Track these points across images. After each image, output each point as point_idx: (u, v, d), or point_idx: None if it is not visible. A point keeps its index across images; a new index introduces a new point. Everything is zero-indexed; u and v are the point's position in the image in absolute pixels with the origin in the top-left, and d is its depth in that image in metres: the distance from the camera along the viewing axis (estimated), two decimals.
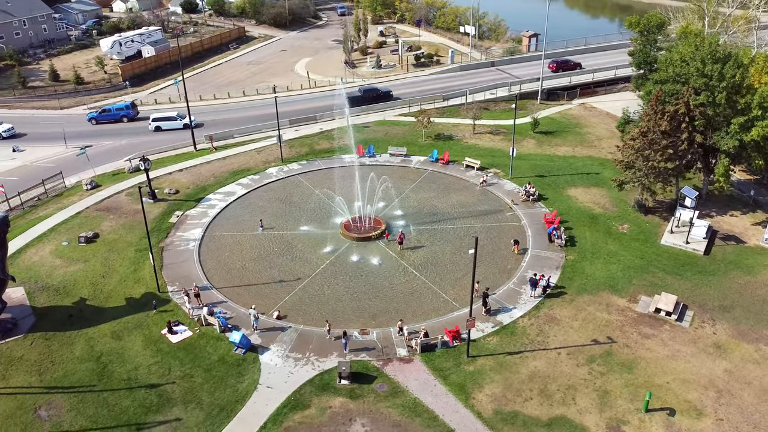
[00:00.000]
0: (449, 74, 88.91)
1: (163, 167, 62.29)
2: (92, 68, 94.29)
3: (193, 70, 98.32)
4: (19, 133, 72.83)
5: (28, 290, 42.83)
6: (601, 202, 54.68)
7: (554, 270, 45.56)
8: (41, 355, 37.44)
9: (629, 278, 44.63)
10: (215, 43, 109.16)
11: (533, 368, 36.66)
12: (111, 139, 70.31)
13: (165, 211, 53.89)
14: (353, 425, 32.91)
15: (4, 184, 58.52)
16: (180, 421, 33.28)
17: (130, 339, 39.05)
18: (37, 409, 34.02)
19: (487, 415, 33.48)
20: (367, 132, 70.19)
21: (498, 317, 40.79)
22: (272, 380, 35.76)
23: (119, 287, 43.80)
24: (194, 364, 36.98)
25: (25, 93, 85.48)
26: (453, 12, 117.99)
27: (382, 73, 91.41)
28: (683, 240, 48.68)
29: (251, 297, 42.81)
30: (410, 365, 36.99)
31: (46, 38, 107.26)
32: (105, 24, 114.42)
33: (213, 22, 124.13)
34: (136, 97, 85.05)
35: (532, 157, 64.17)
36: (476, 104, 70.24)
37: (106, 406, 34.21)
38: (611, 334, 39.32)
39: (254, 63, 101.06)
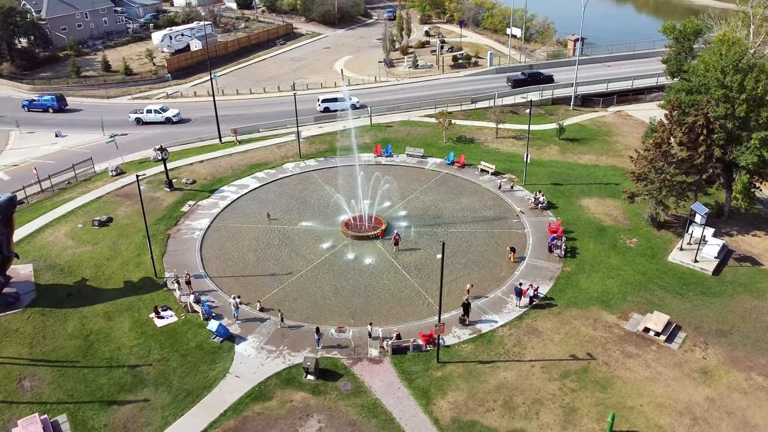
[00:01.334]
0: (484, 76, 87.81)
1: (186, 158, 64.63)
2: (142, 60, 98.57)
3: (238, 64, 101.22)
4: (185, 118, 76.33)
5: (35, 267, 45.55)
6: (614, 214, 52.85)
7: (547, 281, 44.47)
8: (35, 329, 39.80)
9: (625, 295, 43.03)
10: (262, 38, 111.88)
11: (502, 379, 36.01)
12: (149, 128, 73.41)
13: (179, 200, 55.91)
14: (309, 421, 33.37)
15: (42, 167, 62.31)
16: (148, 402, 34.66)
17: (119, 320, 40.90)
18: (21, 379, 36.24)
19: (444, 422, 33.18)
20: (390, 131, 70.40)
21: (478, 325, 40.25)
22: (242, 370, 36.68)
23: (120, 270, 45.88)
24: (172, 349, 38.38)
25: (78, 82, 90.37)
26: (501, 13, 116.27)
27: (417, 73, 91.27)
28: (692, 258, 46.47)
29: (241, 288, 43.93)
30: (379, 366, 37.08)
31: (105, 30, 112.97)
32: (162, 18, 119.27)
33: (264, 18, 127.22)
34: (177, 89, 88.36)
35: (552, 164, 62.68)
36: (499, 108, 69.11)
37: (84, 382, 36.04)
38: (592, 350, 38.08)
39: (296, 59, 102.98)
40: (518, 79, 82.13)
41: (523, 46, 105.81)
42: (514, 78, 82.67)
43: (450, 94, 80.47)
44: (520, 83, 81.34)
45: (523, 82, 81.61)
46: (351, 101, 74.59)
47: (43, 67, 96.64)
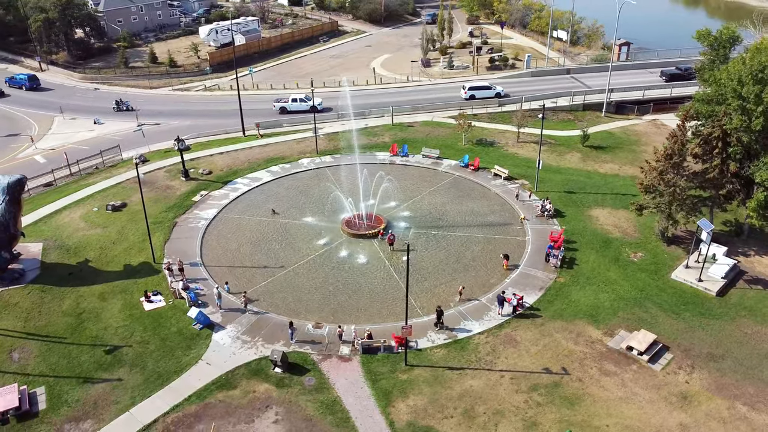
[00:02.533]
0: (518, 79, 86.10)
1: (208, 149, 66.53)
2: (188, 53, 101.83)
3: (279, 60, 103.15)
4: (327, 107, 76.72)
5: (45, 246, 48.08)
6: (623, 227, 50.93)
7: (536, 291, 43.37)
8: (33, 305, 42.07)
9: (615, 310, 41.47)
10: (306, 35, 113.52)
11: (468, 387, 35.45)
12: (181, 119, 75.97)
13: (192, 190, 57.66)
14: (267, 412, 33.89)
15: (76, 152, 65.59)
16: (120, 381, 36.08)
17: (112, 301, 42.69)
18: (12, 350, 38.42)
19: (399, 426, 33.00)
20: (410, 131, 70.19)
21: (455, 331, 39.72)
22: (214, 358, 37.61)
23: (122, 254, 47.82)
24: (154, 332, 39.75)
25: (125, 72, 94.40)
26: (549, 15, 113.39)
27: (452, 74, 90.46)
28: (696, 277, 44.24)
29: (232, 278, 44.95)
30: (347, 364, 37.21)
31: (159, 24, 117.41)
32: (213, 13, 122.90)
33: (312, 15, 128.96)
34: (216, 82, 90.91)
35: (570, 171, 60.94)
36: (522, 112, 67.68)
37: (68, 358, 37.85)
38: (568, 365, 36.93)
39: (336, 57, 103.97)
40: (673, 74, 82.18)
41: (568, 49, 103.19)
42: (669, 72, 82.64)
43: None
44: (675, 77, 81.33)
45: (679, 77, 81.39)
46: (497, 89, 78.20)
47: (97, 58, 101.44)
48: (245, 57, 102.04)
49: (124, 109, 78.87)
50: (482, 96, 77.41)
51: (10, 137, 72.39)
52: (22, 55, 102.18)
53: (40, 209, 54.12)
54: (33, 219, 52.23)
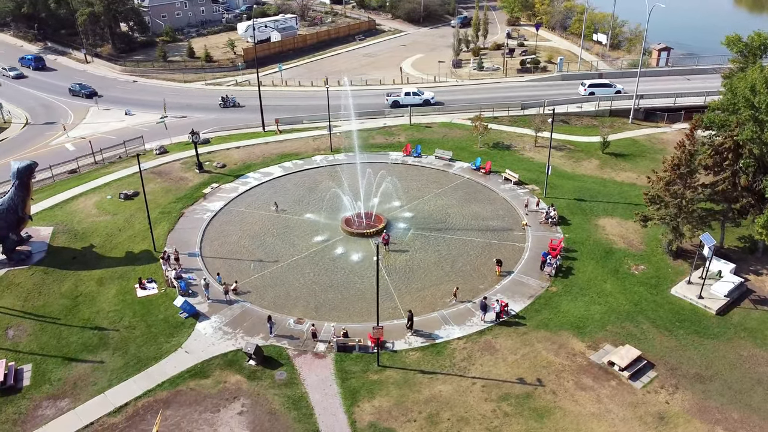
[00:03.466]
0: (547, 82, 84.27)
1: (227, 143, 67.92)
2: (225, 49, 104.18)
3: (312, 57, 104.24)
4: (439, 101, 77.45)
5: (54, 230, 50.18)
6: (629, 238, 49.24)
7: (525, 299, 42.45)
8: (34, 285, 44.00)
9: (604, 323, 40.16)
10: (342, 33, 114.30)
11: (437, 391, 35.05)
12: (211, 113, 77.82)
13: (204, 182, 59.01)
14: (234, 403, 34.42)
15: (104, 141, 68.09)
16: (102, 364, 37.35)
17: (108, 286, 44.19)
18: (8, 328, 40.31)
19: (361, 426, 32.94)
20: (428, 132, 69.75)
21: (434, 334, 39.31)
22: (193, 346, 38.45)
23: (127, 241, 49.42)
24: (142, 319, 40.95)
25: (163, 66, 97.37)
26: (590, 18, 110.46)
27: (480, 75, 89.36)
28: (697, 293, 42.34)
29: (228, 269, 45.77)
30: (320, 361, 37.38)
31: (202, 19, 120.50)
32: (255, 10, 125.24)
33: (352, 13, 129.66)
34: (247, 78, 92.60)
35: (584, 178, 59.33)
36: (541, 116, 66.22)
37: (57, 338, 39.44)
38: (544, 376, 36.01)
39: (370, 55, 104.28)
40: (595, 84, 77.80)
41: (607, 53, 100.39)
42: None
43: (504, 98, 78.02)
44: None
45: None
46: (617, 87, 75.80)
47: (139, 51, 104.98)
48: (280, 54, 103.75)
49: (231, 105, 78.99)
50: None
51: (46, 125, 75.84)
52: (70, 47, 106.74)
53: (59, 195, 56.51)
54: (50, 204, 54.63)
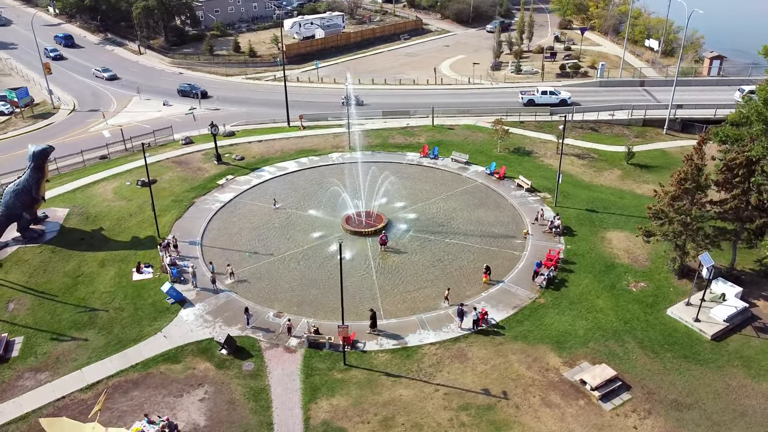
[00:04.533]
0: (585, 88, 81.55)
1: (250, 136, 69.45)
2: (271, 44, 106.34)
3: (354, 55, 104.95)
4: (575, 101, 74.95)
5: (69, 212, 52.74)
6: (635, 253, 47.16)
7: (510, 308, 41.39)
8: (41, 263, 46.43)
9: (587, 340, 38.65)
10: (388, 32, 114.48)
11: (397, 395, 34.74)
12: (239, 106, 79.80)
13: (220, 173, 60.55)
14: (197, 390, 35.24)
15: (138, 130, 70.89)
16: (86, 342, 39.04)
17: (108, 268, 46.11)
18: (9, 301, 42.74)
19: (313, 423, 33.06)
20: (449, 134, 68.99)
21: (407, 337, 38.95)
22: (172, 332, 39.62)
23: (135, 226, 51.37)
24: (131, 301, 42.51)
25: (208, 59, 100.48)
26: (644, 23, 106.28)
27: (517, 78, 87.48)
28: (694, 316, 40.10)
29: (223, 260, 46.82)
30: (290, 356, 37.74)
31: (253, 15, 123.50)
32: (306, 6, 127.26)
33: (401, 12, 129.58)
34: (289, 74, 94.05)
35: (602, 188, 57.21)
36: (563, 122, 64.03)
37: (51, 314, 41.51)
38: (511, 389, 35.04)
39: (410, 55, 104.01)
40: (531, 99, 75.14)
41: (658, 60, 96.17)
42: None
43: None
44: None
45: None
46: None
47: (189, 44, 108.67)
48: (323, 51, 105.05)
49: (356, 103, 75.83)
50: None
51: (90, 112, 79.76)
52: (127, 38, 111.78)
53: (84, 178, 59.39)
54: (73, 187, 57.52)
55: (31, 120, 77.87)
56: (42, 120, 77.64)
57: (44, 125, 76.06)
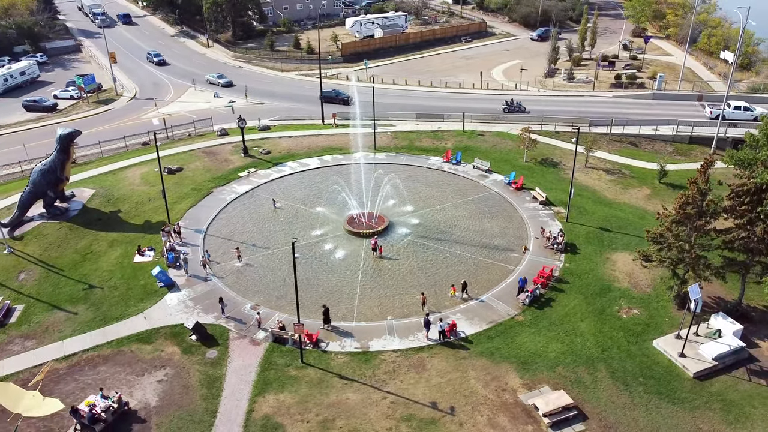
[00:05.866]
0: (636, 100, 77.41)
1: (283, 131, 71.11)
2: (330, 42, 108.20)
3: (411, 55, 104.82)
4: None
5: (94, 193, 56.19)
6: (637, 277, 44.53)
7: (484, 323, 40.28)
8: (57, 239, 49.88)
9: (556, 364, 36.98)
10: (449, 34, 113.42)
11: (344, 398, 34.74)
12: (283, 101, 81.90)
13: (244, 166, 62.48)
14: (159, 371, 36.77)
15: (185, 119, 74.46)
16: (75, 315, 41.65)
17: (115, 249, 48.86)
18: (21, 271, 46.26)
19: (254, 417, 33.68)
20: (478, 140, 67.64)
21: (370, 342, 38.78)
22: (153, 314, 41.50)
23: (150, 211, 54.05)
24: (125, 281, 44.89)
25: (267, 54, 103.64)
26: (722, 34, 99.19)
27: (568, 87, 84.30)
28: (679, 350, 37.38)
29: (222, 250, 48.52)
30: (254, 348, 38.58)
31: (321, 13, 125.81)
32: (374, 6, 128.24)
33: (469, 14, 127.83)
34: (340, 71, 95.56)
35: (623, 207, 54.29)
36: (592, 135, 61.22)
37: (54, 287, 44.56)
38: (460, 406, 34.17)
39: (467, 58, 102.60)
40: None
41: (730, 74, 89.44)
42: None
43: (577, 112, 73.19)
44: None
45: None
46: None
47: (255, 39, 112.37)
48: (380, 50, 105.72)
49: (516, 110, 73.48)
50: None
51: (147, 100, 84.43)
52: (198, 32, 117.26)
53: (119, 162, 63.12)
54: (106, 170, 61.27)
55: (95, 105, 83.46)
56: (104, 105, 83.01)
57: (104, 110, 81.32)
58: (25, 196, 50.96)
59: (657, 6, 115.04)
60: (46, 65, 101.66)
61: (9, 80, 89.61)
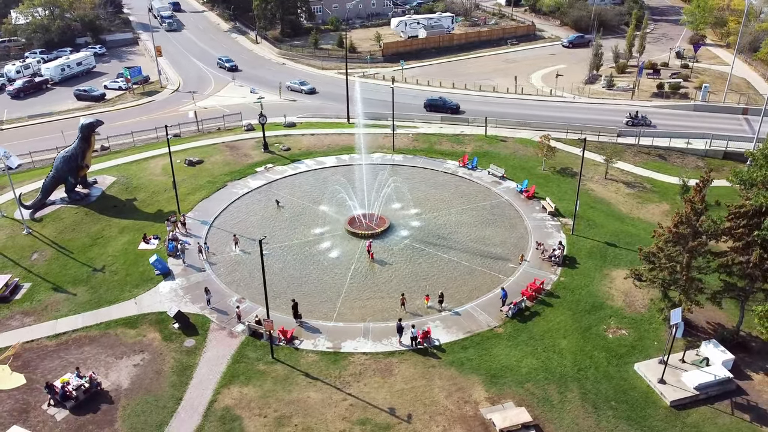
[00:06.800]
0: (675, 111, 73.86)
1: (308, 129, 72.06)
2: (374, 41, 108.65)
3: (452, 57, 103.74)
4: None
5: (115, 181, 58.78)
6: (633, 297, 42.74)
7: (461, 332, 39.69)
8: (72, 222, 52.52)
9: (526, 380, 36.05)
10: (495, 36, 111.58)
11: (304, 397, 35.10)
12: (314, 99, 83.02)
13: (262, 161, 63.80)
14: (137, 355, 38.26)
15: (217, 113, 76.77)
16: (74, 296, 43.86)
17: (124, 235, 50.99)
18: (35, 251, 49.03)
19: (215, 407, 34.52)
20: (499, 146, 66.38)
21: (344, 343, 38.92)
22: (143, 301, 43.15)
23: (164, 201, 56.05)
24: (126, 267, 46.82)
25: (310, 53, 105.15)
26: None
27: (606, 94, 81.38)
28: (659, 376, 35.64)
29: (220, 240, 49.88)
30: (231, 340, 39.49)
31: (370, 12, 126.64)
32: (423, 6, 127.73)
33: (520, 17, 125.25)
34: (378, 71, 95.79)
35: (637, 222, 52.15)
36: (612, 145, 58.89)
37: (62, 267, 47.03)
38: (418, 414, 33.90)
39: (509, 61, 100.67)
40: None
41: None
42: None
43: (607, 121, 70.60)
44: None
45: None
46: None
47: (301, 37, 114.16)
48: (422, 51, 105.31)
49: (641, 124, 69.15)
50: None
51: (187, 93, 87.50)
52: (249, 28, 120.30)
53: (147, 152, 65.75)
54: (132, 159, 63.95)
55: (139, 96, 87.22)
56: (147, 97, 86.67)
57: (146, 102, 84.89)
58: (48, 181, 53.99)
59: (719, 12, 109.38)
60: (104, 57, 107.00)
61: (66, 70, 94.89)
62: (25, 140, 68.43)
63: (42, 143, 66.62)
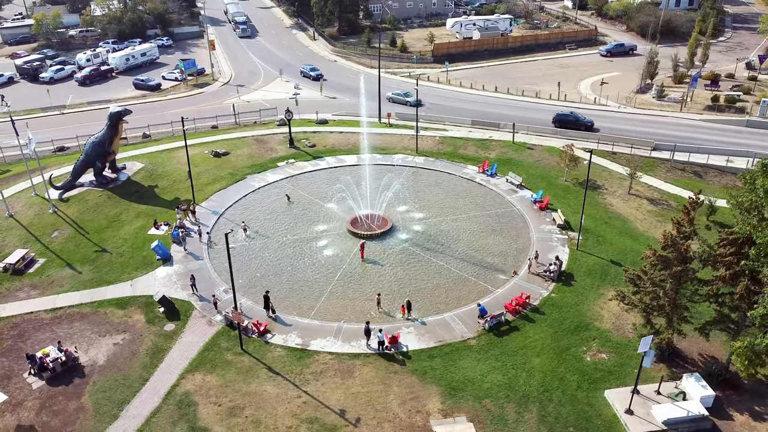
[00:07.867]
0: (725, 126, 68.99)
1: (338, 126, 72.75)
2: (427, 41, 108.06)
3: (504, 60, 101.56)
4: None
5: (141, 168, 61.65)
6: (623, 318, 40.66)
7: (432, 341, 39.07)
8: (94, 204, 55.62)
9: (485, 396, 35.12)
10: (552, 39, 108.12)
11: (261, 390, 35.71)
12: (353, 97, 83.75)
13: (285, 156, 65.09)
14: (118, 335, 40.15)
15: (257, 106, 78.94)
16: (79, 274, 46.51)
17: (139, 220, 53.52)
18: (56, 229, 52.31)
19: (175, 392, 35.73)
20: (525, 153, 64.49)
21: (313, 341, 39.20)
22: (139, 284, 45.16)
23: (183, 190, 58.25)
24: (133, 250, 49.15)
25: (362, 51, 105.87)
26: None
27: (653, 105, 77.12)
28: (626, 406, 33.69)
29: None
30: (208, 328, 40.72)
31: (430, 11, 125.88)
32: (485, 7, 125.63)
33: (584, 20, 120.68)
34: (425, 72, 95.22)
35: (649, 241, 49.10)
36: (641, 158, 55.67)
37: (76, 246, 49.98)
38: (367, 419, 33.82)
39: (562, 66, 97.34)
40: None
41: None
42: None
43: (648, 134, 66.97)
44: None
45: None
46: None
47: (357, 35, 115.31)
48: (474, 52, 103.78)
49: None
50: None
51: (236, 86, 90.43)
52: (310, 25, 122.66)
53: (179, 142, 68.40)
54: (162, 148, 66.78)
55: (192, 87, 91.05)
56: (198, 89, 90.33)
57: (197, 93, 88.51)
58: (78, 165, 57.49)
59: None
60: (170, 48, 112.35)
61: (131, 60, 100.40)
62: (83, 124, 72.57)
63: (94, 128, 70.90)
